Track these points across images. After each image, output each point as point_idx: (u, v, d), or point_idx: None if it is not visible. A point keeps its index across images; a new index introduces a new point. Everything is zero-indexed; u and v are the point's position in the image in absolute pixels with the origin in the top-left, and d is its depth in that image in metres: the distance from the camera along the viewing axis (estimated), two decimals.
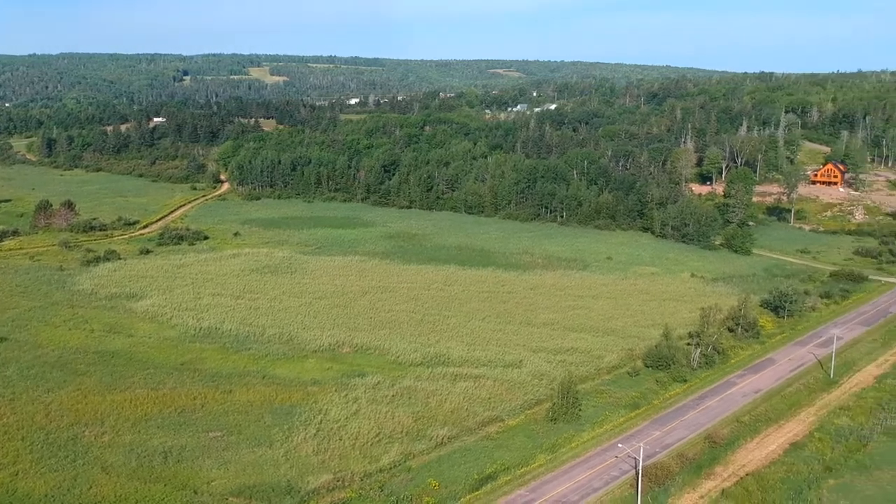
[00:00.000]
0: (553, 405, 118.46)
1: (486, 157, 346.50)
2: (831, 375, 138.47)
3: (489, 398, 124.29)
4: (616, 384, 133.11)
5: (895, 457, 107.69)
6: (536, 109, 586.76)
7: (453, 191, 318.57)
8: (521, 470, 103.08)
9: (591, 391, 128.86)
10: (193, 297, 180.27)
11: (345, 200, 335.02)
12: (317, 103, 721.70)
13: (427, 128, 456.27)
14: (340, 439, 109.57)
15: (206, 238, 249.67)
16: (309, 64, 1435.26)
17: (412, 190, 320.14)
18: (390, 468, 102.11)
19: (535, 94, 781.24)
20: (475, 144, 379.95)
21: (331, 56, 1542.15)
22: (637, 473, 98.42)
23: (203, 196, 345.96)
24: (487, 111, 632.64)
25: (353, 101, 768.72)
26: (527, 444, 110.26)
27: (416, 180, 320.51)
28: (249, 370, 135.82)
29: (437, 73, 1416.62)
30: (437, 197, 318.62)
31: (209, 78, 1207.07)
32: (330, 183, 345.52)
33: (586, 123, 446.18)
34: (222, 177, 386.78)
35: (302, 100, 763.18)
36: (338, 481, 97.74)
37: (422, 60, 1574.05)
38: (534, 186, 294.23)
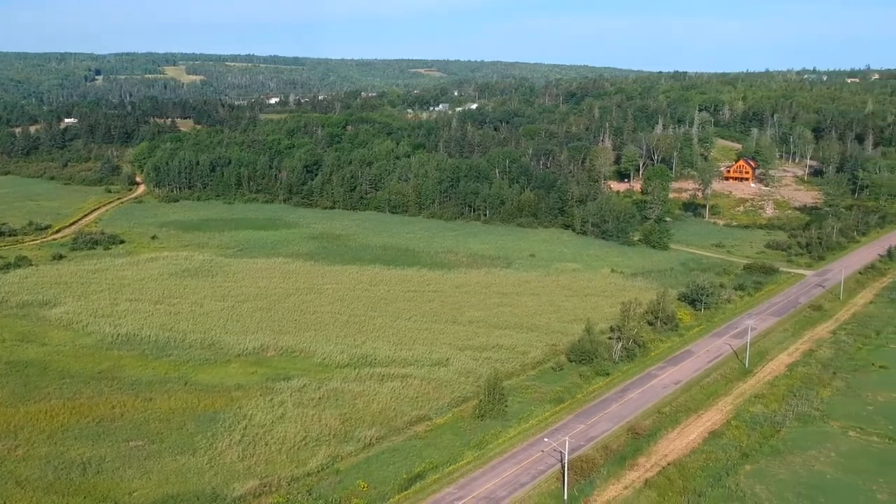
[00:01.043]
0: (480, 402, 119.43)
1: (409, 156, 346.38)
2: (746, 365, 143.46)
3: (417, 397, 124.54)
4: (541, 379, 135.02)
5: (806, 441, 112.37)
6: (458, 109, 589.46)
7: (377, 190, 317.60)
8: (450, 468, 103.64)
9: (516, 387, 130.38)
10: (110, 303, 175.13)
11: (266, 201, 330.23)
12: (236, 103, 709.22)
13: (349, 127, 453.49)
14: (266, 444, 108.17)
15: (122, 242, 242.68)
16: (227, 63, 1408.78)
17: (335, 190, 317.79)
18: (318, 471, 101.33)
19: (456, 94, 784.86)
20: (398, 144, 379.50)
21: (249, 55, 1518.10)
22: (563, 467, 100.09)
23: (118, 199, 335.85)
24: (409, 111, 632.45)
25: (273, 101, 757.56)
26: (455, 442, 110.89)
27: (339, 180, 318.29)
28: (170, 377, 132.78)
29: (359, 72, 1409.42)
30: (361, 197, 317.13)
31: (123, 77, 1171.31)
32: (251, 184, 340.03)
33: (507, 123, 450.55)
34: (138, 179, 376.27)
35: (220, 99, 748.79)
36: (264, 487, 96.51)
37: (342, 60, 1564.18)
38: (457, 185, 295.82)
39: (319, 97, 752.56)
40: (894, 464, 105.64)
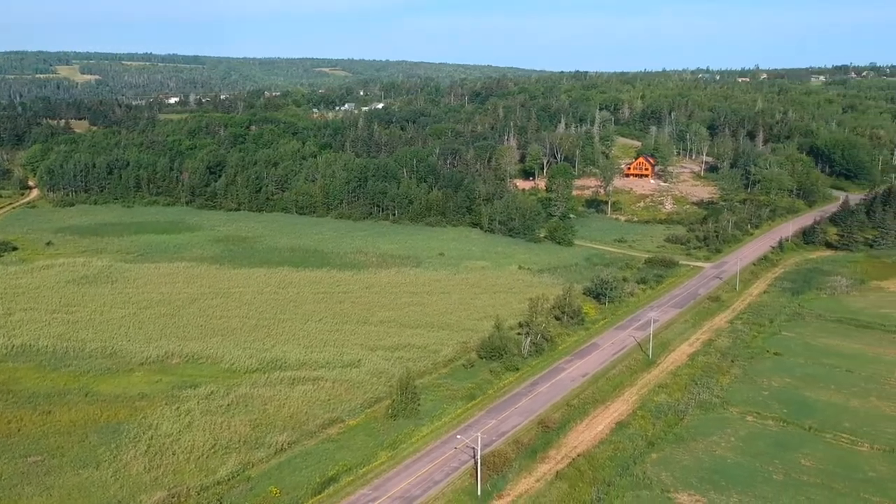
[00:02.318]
0: (393, 402, 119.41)
1: (315, 156, 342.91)
2: (650, 356, 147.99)
3: (329, 400, 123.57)
4: (453, 377, 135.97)
5: (707, 428, 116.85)
6: (364, 108, 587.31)
7: (283, 191, 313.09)
8: (364, 469, 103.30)
9: (429, 385, 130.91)
10: (3, 312, 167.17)
11: (168, 204, 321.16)
12: (133, 103, 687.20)
13: (253, 127, 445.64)
14: (174, 454, 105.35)
15: (14, 249, 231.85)
16: (123, 62, 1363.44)
17: (240, 191, 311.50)
18: (228, 479, 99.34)
19: (362, 93, 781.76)
20: (304, 144, 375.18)
21: (147, 53, 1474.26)
22: (476, 463, 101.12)
23: (10, 204, 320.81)
24: (315, 110, 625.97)
25: (172, 101, 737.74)
26: (368, 443, 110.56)
27: (243, 181, 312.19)
28: (70, 388, 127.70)
29: (262, 71, 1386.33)
30: (267, 198, 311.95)
31: (12, 77, 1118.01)
32: (151, 186, 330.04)
33: (414, 122, 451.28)
34: (31, 182, 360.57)
35: (117, 99, 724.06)
36: (172, 497, 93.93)
37: (244, 58, 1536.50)
38: (365, 185, 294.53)
39: (221, 97, 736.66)
40: (788, 445, 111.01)
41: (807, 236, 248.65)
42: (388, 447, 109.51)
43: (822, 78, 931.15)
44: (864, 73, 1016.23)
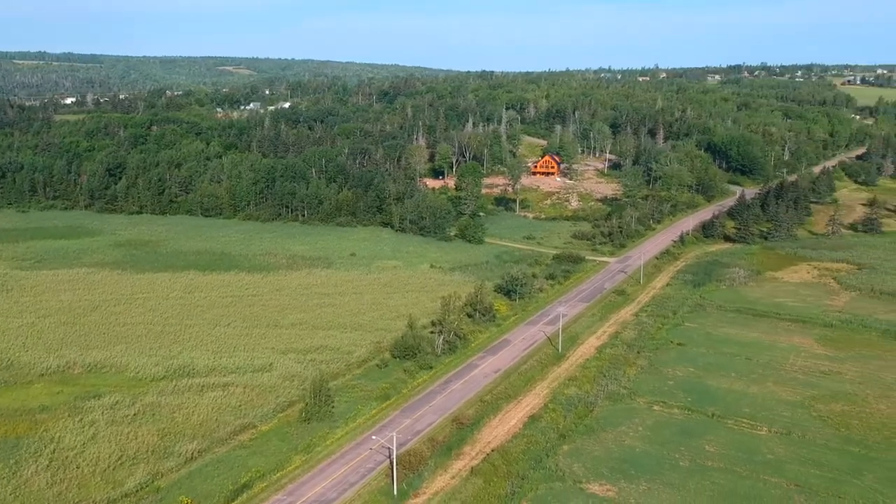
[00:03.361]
0: (306, 405, 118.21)
1: (220, 157, 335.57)
2: (559, 350, 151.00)
3: (240, 405, 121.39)
4: (366, 377, 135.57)
5: (616, 418, 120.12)
6: (270, 108, 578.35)
7: (188, 193, 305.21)
8: (278, 474, 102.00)
9: (342, 387, 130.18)
10: None
11: (66, 208, 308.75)
12: (26, 104, 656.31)
13: (154, 128, 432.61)
14: (78, 467, 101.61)
15: None
16: (14, 61, 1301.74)
17: (142, 194, 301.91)
18: (137, 491, 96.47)
19: (268, 93, 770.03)
20: (208, 144, 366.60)
21: (41, 52, 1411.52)
22: (391, 462, 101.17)
23: None
24: (219, 110, 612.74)
25: (68, 101, 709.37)
26: (282, 448, 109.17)
27: (145, 184, 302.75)
28: None
29: (162, 70, 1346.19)
30: (171, 200, 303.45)
31: None
32: (47, 190, 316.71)
33: (321, 122, 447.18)
34: None
35: (8, 100, 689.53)
36: None
37: (144, 57, 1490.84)
38: (273, 186, 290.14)
39: (120, 96, 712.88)
40: (693, 433, 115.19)
41: (706, 230, 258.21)
42: (302, 451, 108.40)
43: (717, 77, 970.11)
44: (757, 73, 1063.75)
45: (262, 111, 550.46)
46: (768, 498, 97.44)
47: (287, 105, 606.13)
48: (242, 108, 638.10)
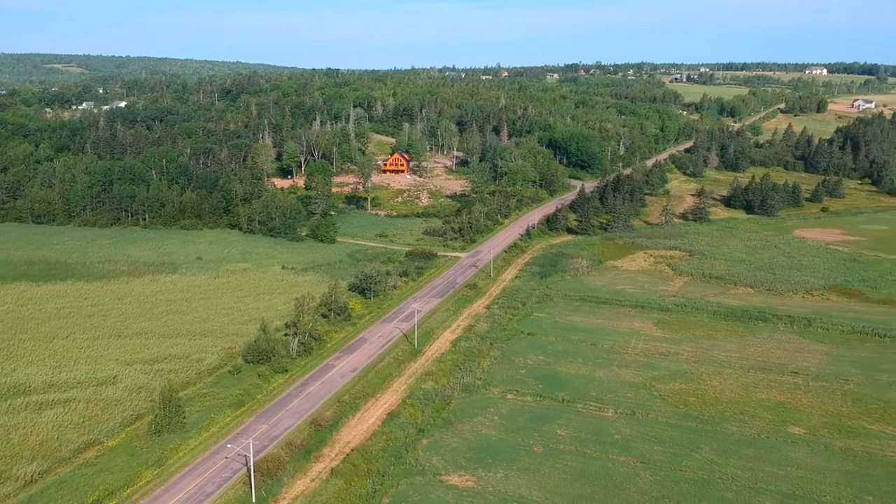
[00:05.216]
0: (155, 417, 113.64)
1: (52, 160, 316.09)
2: (416, 346, 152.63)
3: (83, 422, 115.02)
4: (219, 385, 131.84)
5: (472, 409, 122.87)
6: (105, 107, 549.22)
7: (16, 199, 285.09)
8: (127, 491, 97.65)
9: (194, 396, 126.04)
10: None
11: None
12: None
13: None
14: None
15: None
16: None
17: None
18: None
19: (101, 91, 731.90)
20: (38, 147, 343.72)
21: None
22: (249, 470, 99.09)
23: None
24: (48, 110, 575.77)
25: None
26: (131, 463, 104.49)
27: None
28: None
29: None
30: None
31: None
32: None
33: (161, 121, 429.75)
34: None
35: None
36: None
37: None
38: (110, 189, 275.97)
39: None
40: (545, 418, 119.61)
41: (550, 223, 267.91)
42: (153, 465, 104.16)
43: (556, 76, 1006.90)
44: (592, 72, 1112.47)
45: (96, 111, 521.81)
46: (617, 476, 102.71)
47: (123, 104, 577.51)
48: (74, 107, 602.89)
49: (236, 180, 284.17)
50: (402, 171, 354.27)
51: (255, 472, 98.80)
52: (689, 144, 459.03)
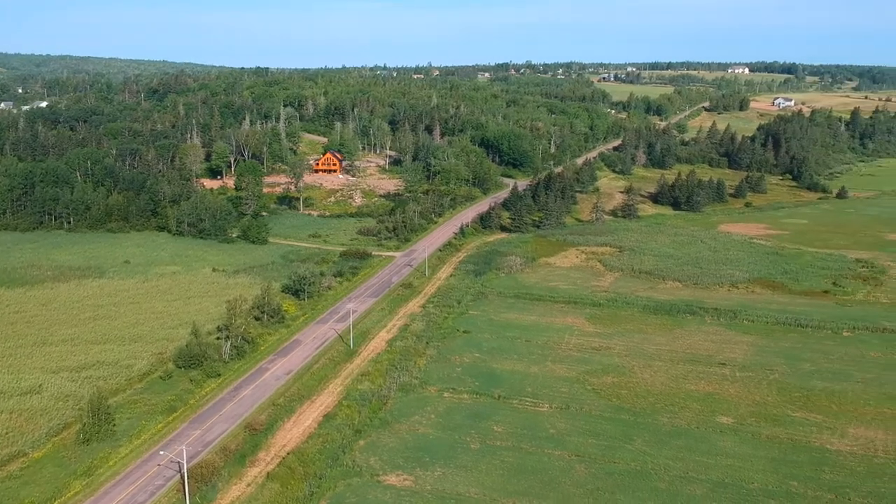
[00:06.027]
0: (83, 426, 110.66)
1: None
2: (351, 346, 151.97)
3: (6, 433, 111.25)
4: (150, 391, 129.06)
5: (409, 409, 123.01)
6: (25, 108, 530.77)
7: None
8: (56, 503, 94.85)
9: (124, 403, 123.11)
10: None
11: None
12: None
13: None
14: None
15: None
16: None
17: None
18: None
19: (20, 91, 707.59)
20: None
21: None
22: (182, 477, 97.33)
23: None
24: None
25: None
26: (58, 474, 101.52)
27: None
28: None
29: None
30: None
31: None
32: None
33: (85, 122, 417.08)
34: None
35: None
36: None
37: None
38: (32, 192, 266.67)
39: None
40: (482, 415, 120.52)
41: (484, 221, 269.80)
42: (82, 475, 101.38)
43: (487, 75, 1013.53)
44: (522, 71, 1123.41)
45: (14, 111, 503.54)
46: (552, 470, 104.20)
47: (44, 104, 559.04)
48: None
49: (164, 181, 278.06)
50: (335, 171, 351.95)
51: (189, 478, 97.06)
52: (617, 143, 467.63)
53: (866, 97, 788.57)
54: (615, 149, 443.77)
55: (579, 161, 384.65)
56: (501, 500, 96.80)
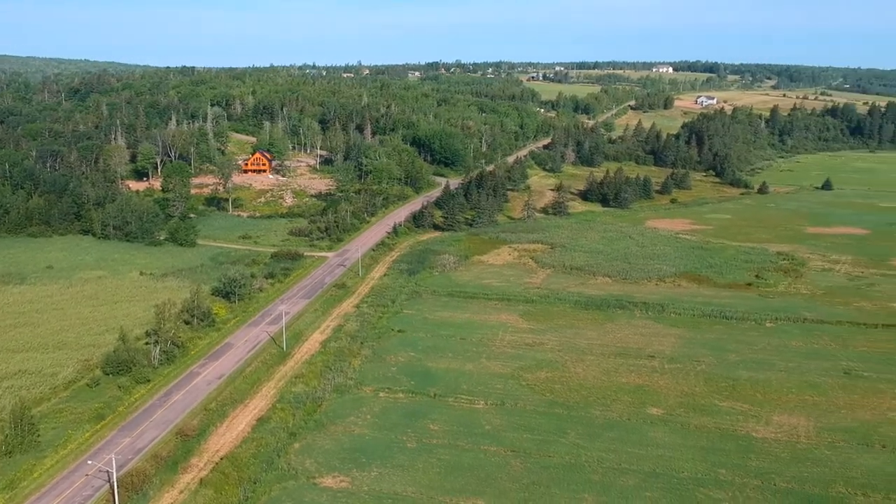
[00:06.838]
0: (5, 437, 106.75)
1: None
2: (284, 348, 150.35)
3: None
4: (76, 399, 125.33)
5: (344, 410, 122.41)
6: None
7: None
8: None
9: (48, 412, 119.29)
10: None
11: None
12: None
13: None
14: None
15: None
16: None
17: None
18: None
19: None
20: None
21: None
22: (112, 486, 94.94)
23: None
24: None
25: None
26: None
27: None
28: None
29: None
30: None
31: None
32: None
33: (2, 122, 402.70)
34: None
35: None
36: None
37: None
38: None
39: None
40: (418, 414, 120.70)
41: (417, 220, 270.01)
42: (4, 489, 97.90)
43: (417, 74, 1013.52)
44: (452, 70, 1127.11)
45: None
46: (489, 466, 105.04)
47: None
48: None
49: (88, 184, 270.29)
50: (265, 171, 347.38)
51: (118, 487, 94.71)
52: (547, 141, 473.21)
53: (784, 95, 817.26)
54: (545, 147, 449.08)
55: (510, 159, 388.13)
56: (438, 498, 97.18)
